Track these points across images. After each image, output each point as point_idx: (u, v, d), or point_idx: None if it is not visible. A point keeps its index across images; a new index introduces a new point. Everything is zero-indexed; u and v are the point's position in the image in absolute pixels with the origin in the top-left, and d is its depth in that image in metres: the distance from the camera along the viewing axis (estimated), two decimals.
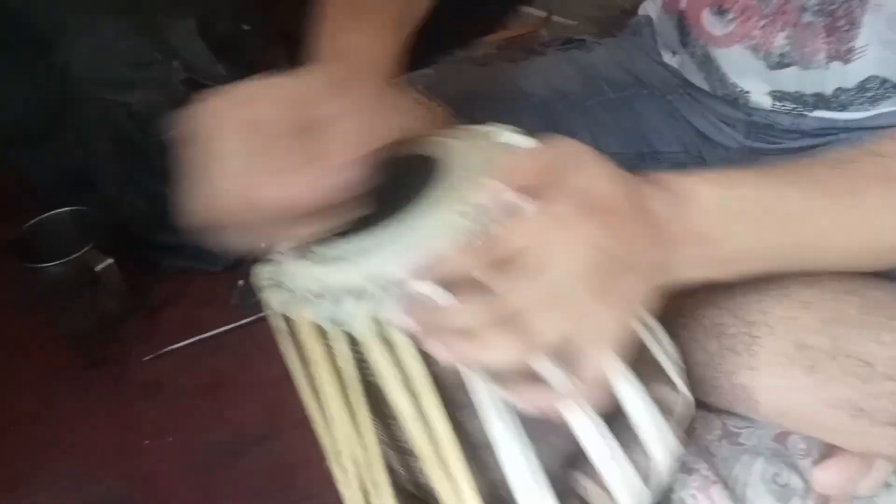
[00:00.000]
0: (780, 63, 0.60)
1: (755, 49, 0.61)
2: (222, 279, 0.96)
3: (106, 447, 0.79)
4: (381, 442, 0.40)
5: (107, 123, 0.85)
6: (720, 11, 0.62)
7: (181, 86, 0.81)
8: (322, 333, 0.37)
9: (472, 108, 0.75)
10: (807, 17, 0.57)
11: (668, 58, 0.73)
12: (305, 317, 0.37)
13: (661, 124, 0.72)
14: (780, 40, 0.59)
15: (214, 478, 0.75)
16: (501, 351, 0.34)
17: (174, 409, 0.82)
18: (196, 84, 0.81)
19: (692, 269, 0.40)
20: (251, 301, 0.94)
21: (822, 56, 0.58)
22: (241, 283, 0.95)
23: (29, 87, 0.88)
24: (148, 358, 0.87)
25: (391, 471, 0.40)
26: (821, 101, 0.60)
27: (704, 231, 0.39)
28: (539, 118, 0.72)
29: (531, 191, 0.36)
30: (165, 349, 0.88)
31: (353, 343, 0.37)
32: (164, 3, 0.81)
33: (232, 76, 0.83)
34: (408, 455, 0.39)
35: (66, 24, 0.80)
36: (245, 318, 0.90)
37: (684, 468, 0.59)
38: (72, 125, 0.90)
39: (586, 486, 0.40)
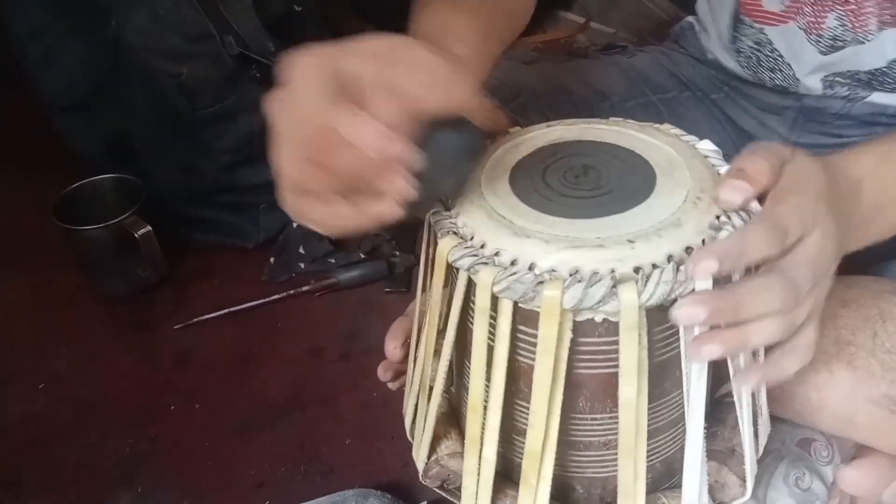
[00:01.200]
0: (833, 46, 0.61)
1: (807, 30, 0.62)
2: (254, 255, 0.98)
3: (134, 409, 0.81)
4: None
5: (154, 93, 0.86)
6: None
7: (232, 60, 0.82)
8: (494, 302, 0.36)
9: (517, 102, 0.76)
10: None
11: (712, 56, 0.74)
12: (486, 280, 0.35)
13: (702, 125, 0.73)
14: (830, 21, 0.60)
15: (237, 447, 0.76)
16: (767, 335, 0.35)
17: (202, 377, 0.84)
18: (247, 59, 0.82)
19: (859, 241, 0.43)
20: (280, 278, 0.95)
21: (873, 25, 0.59)
22: (271, 260, 0.97)
23: (81, 54, 0.90)
24: (179, 327, 0.89)
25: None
26: (874, 78, 0.61)
27: (874, 204, 0.43)
28: (580, 116, 0.73)
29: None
30: (196, 319, 0.89)
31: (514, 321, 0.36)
32: None
33: (281, 53, 0.85)
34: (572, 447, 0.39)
35: None
36: (274, 294, 0.92)
37: None
38: (119, 93, 0.92)
39: None
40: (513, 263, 0.35)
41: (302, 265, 0.96)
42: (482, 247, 0.36)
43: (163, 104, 0.87)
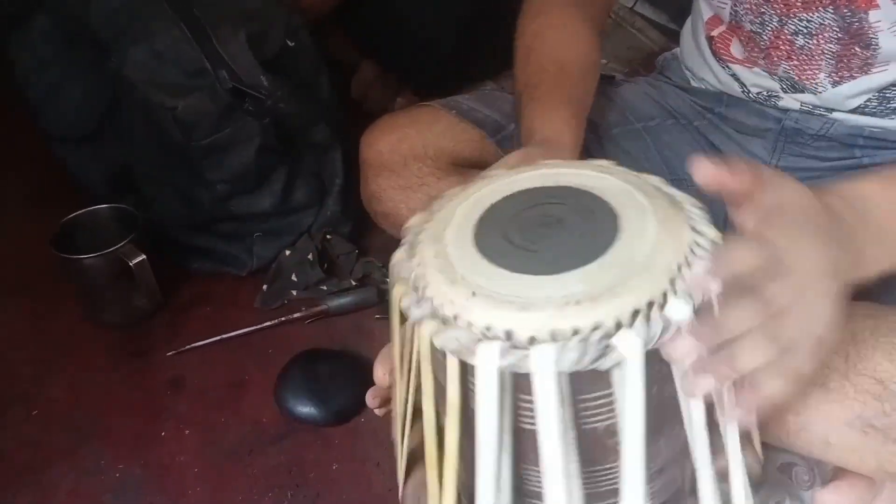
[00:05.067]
0: (793, 88, 0.65)
1: (769, 72, 0.66)
2: (247, 283, 0.99)
3: (127, 436, 0.81)
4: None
5: (152, 126, 0.89)
6: (739, 39, 0.67)
7: (227, 94, 0.85)
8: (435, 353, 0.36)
9: (503, 133, 0.78)
10: (802, 41, 0.61)
11: (697, 81, 0.77)
12: (425, 335, 0.36)
13: (685, 152, 0.75)
14: (781, 71, 0.65)
15: (229, 472, 0.77)
16: (758, 356, 0.35)
17: (194, 403, 0.85)
18: (241, 93, 0.85)
19: (873, 264, 0.44)
20: (273, 305, 0.96)
21: (825, 80, 0.62)
22: (264, 287, 0.98)
23: (83, 89, 0.93)
24: (172, 353, 0.90)
25: None
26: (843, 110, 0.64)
27: (885, 225, 0.44)
28: None
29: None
30: (189, 346, 0.90)
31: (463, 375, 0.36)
32: (220, 15, 0.85)
33: (274, 87, 0.87)
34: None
35: (124, 32, 0.84)
36: (267, 321, 0.93)
37: None
38: (118, 126, 0.94)
39: None
40: (455, 318, 0.35)
41: (294, 292, 0.97)
42: (430, 299, 0.37)
43: (161, 136, 0.89)
